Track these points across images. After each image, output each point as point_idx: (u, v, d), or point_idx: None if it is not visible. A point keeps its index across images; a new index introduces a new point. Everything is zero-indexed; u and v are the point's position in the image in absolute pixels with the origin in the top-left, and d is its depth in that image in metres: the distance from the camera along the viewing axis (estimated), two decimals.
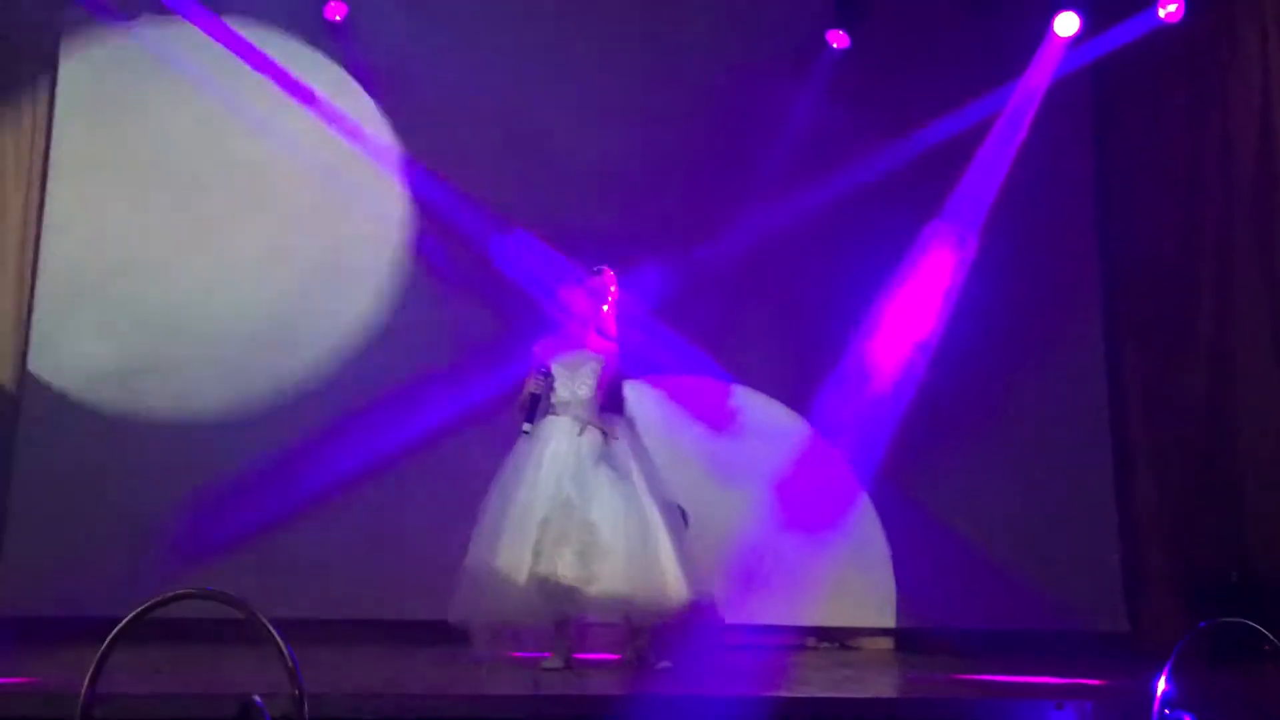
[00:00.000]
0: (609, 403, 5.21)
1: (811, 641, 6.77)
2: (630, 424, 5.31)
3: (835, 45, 7.09)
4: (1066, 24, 6.98)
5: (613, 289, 5.38)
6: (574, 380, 5.18)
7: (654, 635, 5.01)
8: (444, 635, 6.37)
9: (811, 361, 6.98)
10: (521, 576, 4.79)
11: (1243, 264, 6.91)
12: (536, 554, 4.81)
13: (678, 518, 5.18)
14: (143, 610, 2.57)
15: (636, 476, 5.07)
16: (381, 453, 6.68)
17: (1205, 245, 7.01)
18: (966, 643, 6.63)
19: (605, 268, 5.43)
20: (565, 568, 4.79)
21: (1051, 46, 7.05)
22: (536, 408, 5.15)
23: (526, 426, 5.10)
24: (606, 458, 5.06)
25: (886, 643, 6.90)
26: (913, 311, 7.00)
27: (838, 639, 6.82)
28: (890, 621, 6.88)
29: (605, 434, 5.12)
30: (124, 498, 6.46)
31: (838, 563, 6.75)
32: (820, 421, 6.92)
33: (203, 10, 6.74)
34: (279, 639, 2.50)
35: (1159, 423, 7.05)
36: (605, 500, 4.94)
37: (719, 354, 6.93)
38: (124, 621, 2.55)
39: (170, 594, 2.62)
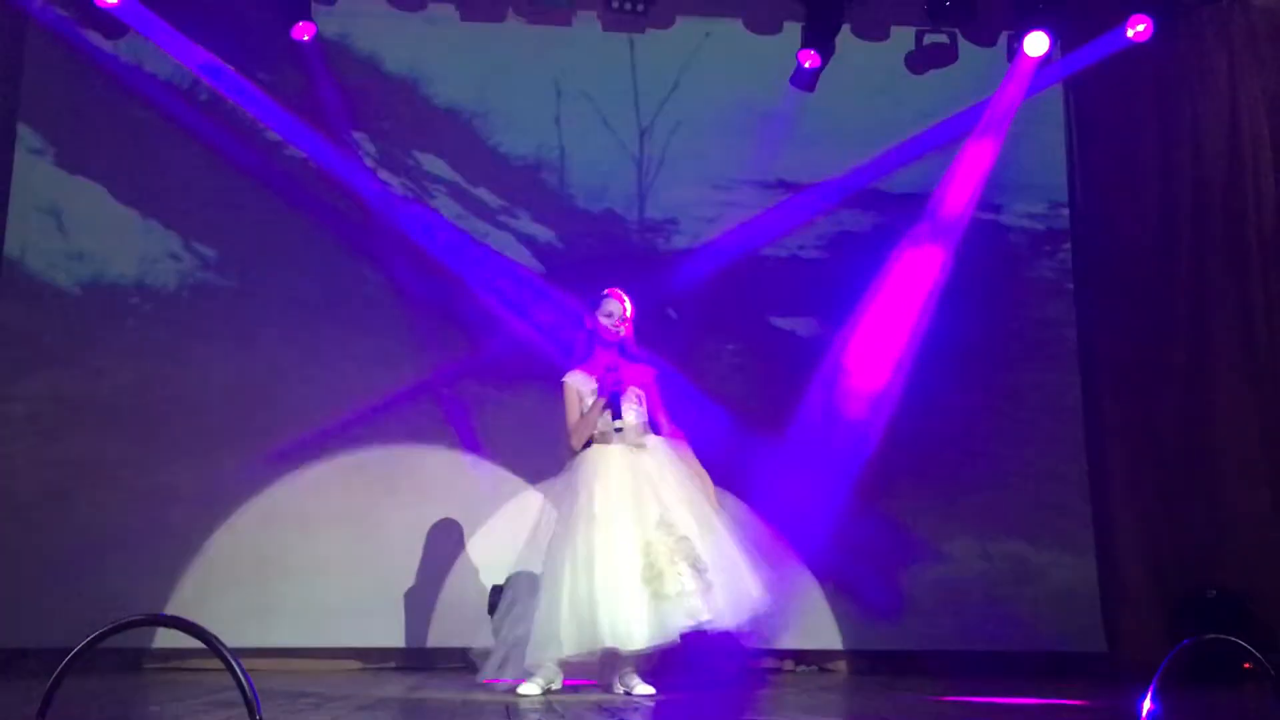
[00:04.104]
0: (661, 422, 5.08)
1: (789, 664, 6.71)
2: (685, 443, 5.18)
3: (807, 65, 7.07)
4: (1036, 44, 6.99)
5: (628, 307, 5.17)
6: (624, 406, 5.01)
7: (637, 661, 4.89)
8: (414, 663, 6.34)
9: (788, 372, 6.95)
10: (642, 600, 4.63)
11: (1216, 276, 6.97)
12: (655, 576, 4.65)
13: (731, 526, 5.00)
14: (96, 638, 2.46)
15: (694, 490, 4.94)
16: (347, 474, 6.60)
17: (1179, 255, 7.06)
18: (944, 664, 6.61)
19: (614, 289, 5.21)
20: (689, 581, 4.64)
21: (1022, 65, 7.06)
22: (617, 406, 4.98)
23: (619, 423, 4.95)
24: (670, 475, 4.92)
25: (865, 665, 6.82)
26: (890, 324, 6.96)
27: (815, 662, 6.75)
28: (869, 644, 6.80)
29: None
30: (77, 526, 6.32)
31: (816, 584, 6.69)
32: (799, 436, 6.86)
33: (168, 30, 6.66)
34: (236, 667, 2.39)
35: (1134, 440, 7.03)
36: (685, 515, 4.81)
37: (689, 369, 6.88)
38: (77, 649, 2.45)
39: (124, 621, 2.51)
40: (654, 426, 5.11)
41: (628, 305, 5.15)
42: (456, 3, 7.00)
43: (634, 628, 4.61)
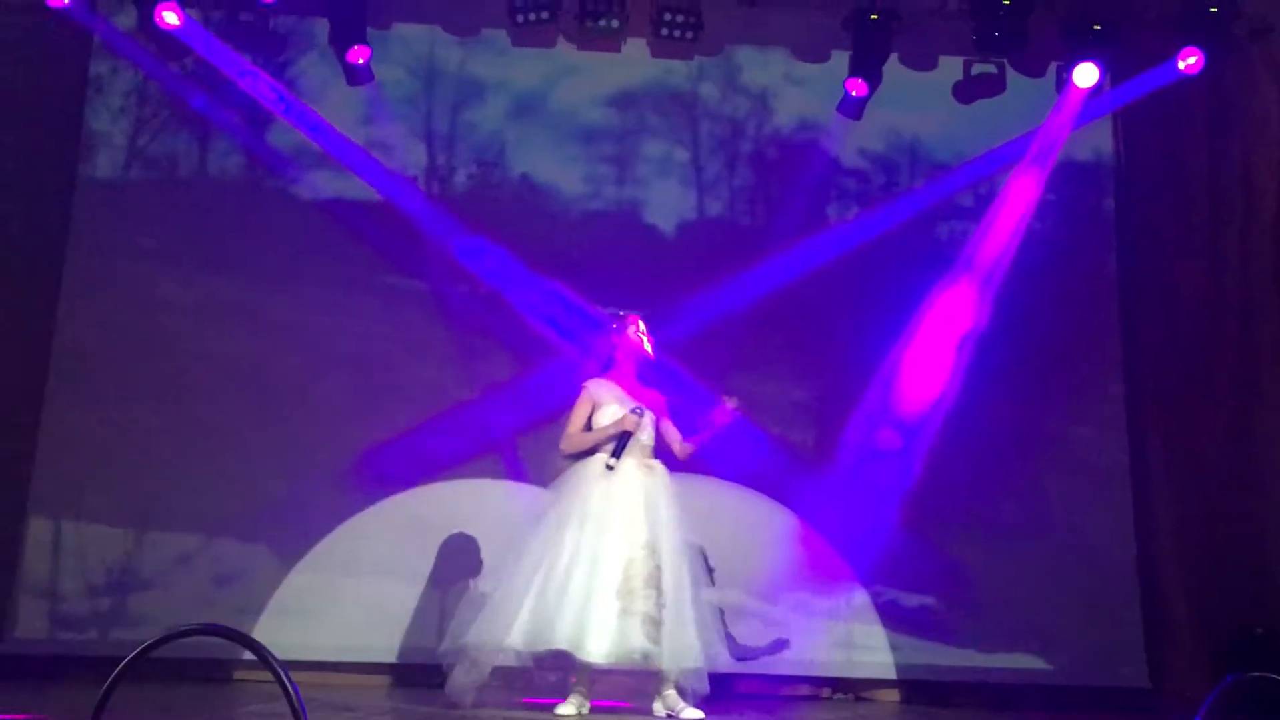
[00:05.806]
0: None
1: (826, 692, 6.67)
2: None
3: (854, 94, 7.09)
4: (1086, 75, 6.95)
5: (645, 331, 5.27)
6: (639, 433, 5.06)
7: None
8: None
9: (832, 402, 6.95)
10: (611, 613, 4.68)
11: (1265, 312, 6.89)
12: (629, 592, 4.72)
13: (700, 568, 5.08)
14: (147, 647, 2.53)
15: (672, 526, 4.96)
16: (394, 492, 6.67)
17: (1228, 289, 6.99)
18: (985, 697, 6.56)
19: (634, 314, 5.32)
20: (655, 607, 4.70)
21: (1071, 96, 7.03)
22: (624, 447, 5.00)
23: (612, 462, 4.94)
24: (666, 505, 4.97)
25: (904, 696, 6.78)
26: (935, 356, 6.93)
27: (853, 690, 6.71)
28: (908, 675, 6.75)
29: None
30: (136, 534, 6.45)
31: (855, 613, 6.67)
32: (843, 467, 6.82)
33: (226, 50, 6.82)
34: (284, 678, 2.45)
35: (1180, 476, 6.96)
36: (667, 548, 4.87)
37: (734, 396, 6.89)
38: (128, 658, 2.51)
39: (176, 630, 2.57)
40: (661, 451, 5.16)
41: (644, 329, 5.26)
42: (508, 28, 7.09)
43: (594, 638, 4.64)
